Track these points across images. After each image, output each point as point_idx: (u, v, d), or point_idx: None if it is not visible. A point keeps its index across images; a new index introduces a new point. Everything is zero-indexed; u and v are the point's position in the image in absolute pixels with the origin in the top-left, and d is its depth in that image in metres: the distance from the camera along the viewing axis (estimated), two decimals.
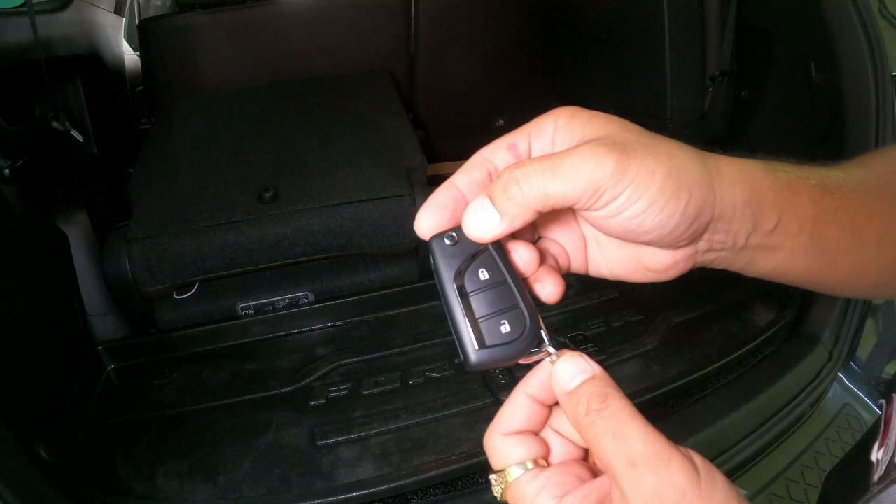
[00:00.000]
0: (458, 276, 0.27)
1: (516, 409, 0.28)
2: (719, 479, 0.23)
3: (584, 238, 0.32)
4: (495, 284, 0.27)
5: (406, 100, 1.94)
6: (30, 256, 1.10)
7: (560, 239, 0.32)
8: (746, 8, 1.30)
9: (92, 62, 1.73)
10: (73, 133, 1.44)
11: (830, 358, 1.10)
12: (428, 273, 0.33)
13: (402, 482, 0.87)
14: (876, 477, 0.42)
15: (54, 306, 1.15)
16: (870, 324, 1.14)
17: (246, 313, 1.30)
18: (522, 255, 0.29)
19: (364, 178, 1.33)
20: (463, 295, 0.27)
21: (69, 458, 0.93)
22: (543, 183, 0.25)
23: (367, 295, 1.30)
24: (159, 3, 2.85)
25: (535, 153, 0.29)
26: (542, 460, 0.27)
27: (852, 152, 0.35)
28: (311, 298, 1.33)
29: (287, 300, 1.32)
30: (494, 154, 0.29)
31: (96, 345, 1.19)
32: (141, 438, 1.00)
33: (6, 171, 1.06)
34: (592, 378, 0.26)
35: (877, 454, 0.43)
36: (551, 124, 0.28)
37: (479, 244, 0.27)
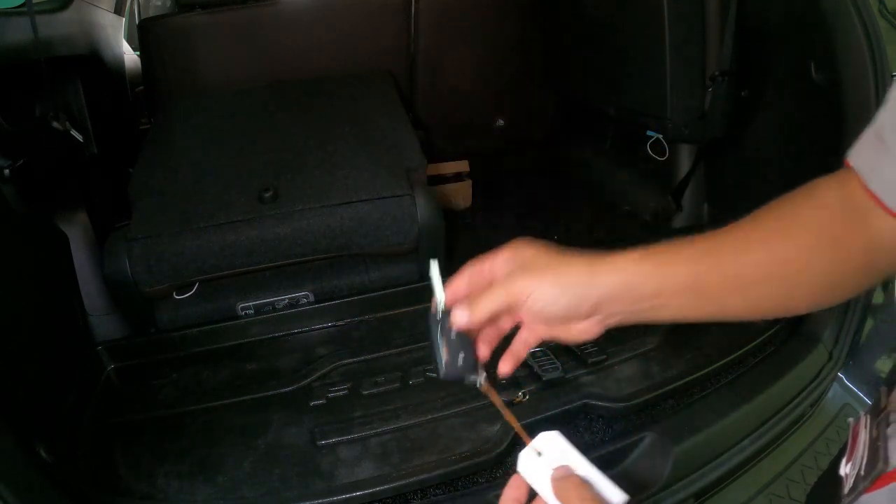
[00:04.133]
0: (445, 329, 0.51)
1: None
2: None
3: None
4: (462, 339, 0.51)
5: (406, 100, 1.94)
6: (30, 256, 1.10)
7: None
8: (746, 8, 1.30)
9: (92, 62, 1.73)
10: (73, 133, 1.44)
11: (830, 358, 1.10)
12: (427, 274, 0.54)
13: (402, 482, 0.87)
14: (846, 490, 0.47)
15: (54, 306, 1.15)
16: (870, 323, 1.14)
17: (246, 313, 1.30)
18: (482, 350, 0.53)
19: (364, 178, 1.33)
20: (444, 337, 0.51)
21: (69, 458, 0.93)
22: (490, 301, 0.46)
23: (367, 295, 1.30)
24: (159, 3, 2.85)
25: (495, 271, 0.48)
26: None
27: None
28: (311, 298, 1.33)
29: (287, 300, 1.32)
30: (470, 269, 0.50)
31: (96, 345, 1.19)
32: (141, 438, 1.00)
33: (6, 171, 1.06)
34: (572, 475, 0.46)
35: (845, 469, 0.49)
36: (501, 256, 0.48)
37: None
